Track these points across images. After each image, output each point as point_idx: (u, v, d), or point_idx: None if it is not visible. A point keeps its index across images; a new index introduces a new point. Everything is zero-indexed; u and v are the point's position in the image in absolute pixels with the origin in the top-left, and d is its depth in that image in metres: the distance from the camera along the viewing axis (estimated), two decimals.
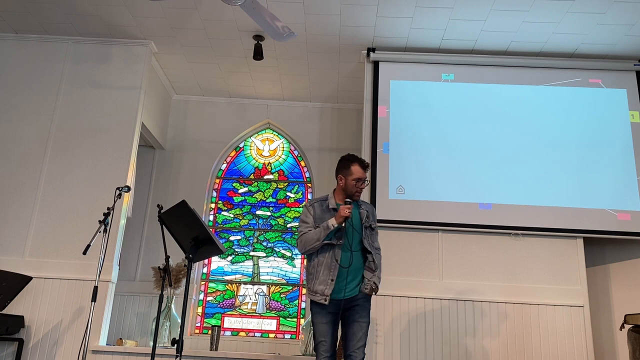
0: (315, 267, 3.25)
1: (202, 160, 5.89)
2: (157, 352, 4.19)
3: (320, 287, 3.19)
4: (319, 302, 3.18)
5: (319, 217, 3.29)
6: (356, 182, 3.27)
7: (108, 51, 5.04)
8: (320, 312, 3.21)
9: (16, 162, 4.72)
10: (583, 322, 4.39)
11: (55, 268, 4.45)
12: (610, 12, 4.35)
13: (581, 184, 4.68)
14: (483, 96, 4.96)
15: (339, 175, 3.34)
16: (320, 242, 3.20)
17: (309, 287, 3.25)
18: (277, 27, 3.83)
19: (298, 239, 3.31)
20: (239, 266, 5.67)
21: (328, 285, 3.18)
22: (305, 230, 3.27)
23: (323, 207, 3.33)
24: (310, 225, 3.28)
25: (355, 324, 3.19)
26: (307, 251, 3.27)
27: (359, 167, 3.30)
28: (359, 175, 3.28)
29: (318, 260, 3.25)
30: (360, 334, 3.17)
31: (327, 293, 3.17)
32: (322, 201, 3.38)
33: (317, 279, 3.22)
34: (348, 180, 3.29)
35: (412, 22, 4.61)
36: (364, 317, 3.22)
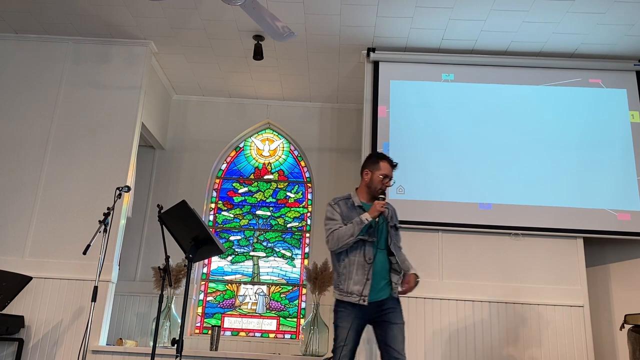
0: (347, 267, 3.15)
1: (202, 160, 5.89)
2: (157, 352, 4.19)
3: (356, 288, 3.08)
4: (356, 303, 3.06)
5: (346, 214, 3.21)
6: (383, 178, 3.23)
7: (108, 51, 5.04)
8: (347, 316, 3.10)
9: (16, 162, 4.72)
10: (583, 322, 4.39)
11: (55, 268, 4.45)
12: (610, 12, 4.35)
13: (581, 184, 4.68)
14: (483, 96, 4.96)
15: (366, 170, 3.30)
16: (355, 237, 3.11)
17: (341, 288, 3.14)
18: (277, 27, 3.83)
19: (329, 235, 3.19)
20: (239, 266, 5.68)
21: (365, 285, 3.07)
22: (335, 227, 3.17)
23: (348, 205, 3.27)
24: (339, 222, 3.19)
25: (395, 327, 3.10)
26: (340, 247, 3.15)
27: (388, 164, 3.27)
28: (386, 171, 3.25)
29: (349, 260, 3.15)
30: (401, 336, 3.09)
31: (365, 293, 3.06)
32: (345, 199, 3.31)
33: (351, 279, 3.11)
34: (375, 175, 3.25)
35: (412, 22, 4.61)
36: (401, 319, 3.15)
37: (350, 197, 3.31)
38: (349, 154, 5.86)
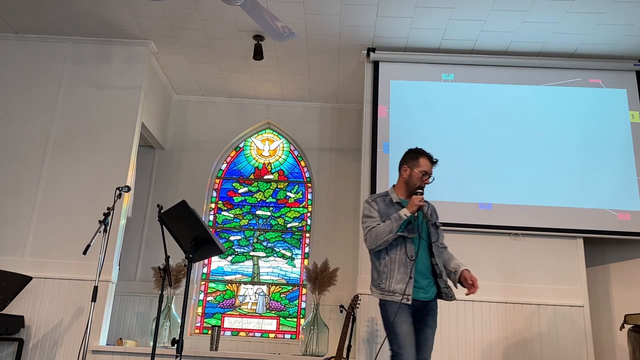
0: (389, 265, 3.06)
1: (202, 160, 5.89)
2: (157, 352, 4.19)
3: (399, 286, 2.99)
4: (400, 302, 2.96)
5: (384, 211, 3.13)
6: (422, 175, 3.14)
7: (108, 51, 5.04)
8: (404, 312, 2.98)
9: (16, 162, 4.72)
10: (583, 322, 4.39)
11: (55, 268, 4.45)
12: (610, 12, 4.35)
13: (581, 184, 4.68)
14: (483, 96, 4.96)
15: (404, 166, 3.21)
16: (394, 234, 3.02)
17: (382, 287, 3.05)
18: (277, 27, 3.83)
19: (367, 233, 3.11)
20: (239, 266, 5.67)
21: (407, 283, 2.98)
22: (373, 224, 3.09)
23: (386, 202, 3.19)
24: (377, 219, 3.11)
25: (429, 329, 3.04)
26: (378, 245, 3.07)
27: (427, 160, 3.17)
28: (426, 168, 3.15)
29: (390, 258, 3.06)
30: (432, 340, 3.04)
31: (408, 292, 2.97)
32: (383, 196, 3.23)
33: (393, 277, 3.02)
34: (414, 171, 3.16)
35: (412, 22, 4.61)
36: (435, 321, 3.09)
37: (388, 194, 3.23)
38: (349, 154, 5.86)
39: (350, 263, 5.47)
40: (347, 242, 5.57)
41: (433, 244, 3.12)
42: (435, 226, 3.20)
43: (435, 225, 3.20)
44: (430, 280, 3.08)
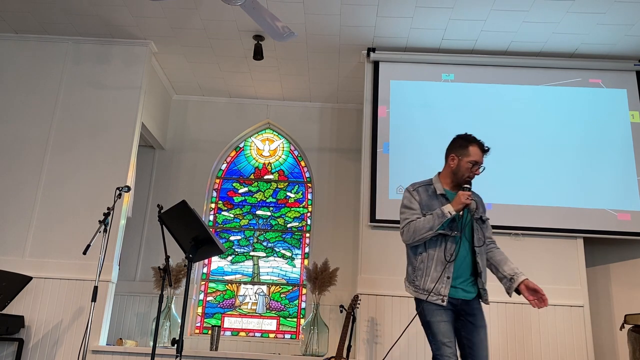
0: (425, 262, 2.84)
1: (202, 160, 5.89)
2: (157, 352, 4.19)
3: (434, 286, 2.79)
4: (434, 302, 2.78)
5: (426, 203, 2.89)
6: (472, 166, 2.86)
7: (108, 51, 5.04)
8: (441, 312, 2.79)
9: (16, 162, 4.72)
10: (583, 322, 4.39)
11: (55, 268, 4.45)
12: (610, 12, 4.35)
13: (581, 184, 4.68)
14: (483, 96, 4.96)
15: (452, 155, 2.94)
16: (434, 231, 2.79)
17: (417, 284, 2.85)
18: (277, 27, 3.83)
19: (404, 227, 2.88)
20: (239, 266, 5.67)
21: (444, 283, 2.77)
22: (412, 218, 2.86)
23: (429, 193, 2.93)
24: (417, 212, 2.88)
25: (481, 330, 2.81)
26: (416, 241, 2.85)
27: (478, 149, 2.87)
28: (476, 157, 2.86)
29: (428, 254, 2.84)
30: (486, 341, 2.81)
31: (444, 292, 2.77)
32: (426, 185, 2.98)
33: (428, 275, 2.81)
34: (462, 161, 2.87)
35: (412, 22, 4.60)
36: (484, 320, 2.86)
37: (432, 183, 2.98)
38: (349, 154, 5.86)
39: (350, 263, 5.47)
40: (347, 242, 5.57)
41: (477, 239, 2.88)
42: (481, 220, 2.93)
43: (481, 219, 2.93)
44: (471, 279, 2.86)
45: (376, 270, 4.55)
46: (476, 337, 2.80)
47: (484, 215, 2.95)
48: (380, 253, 4.57)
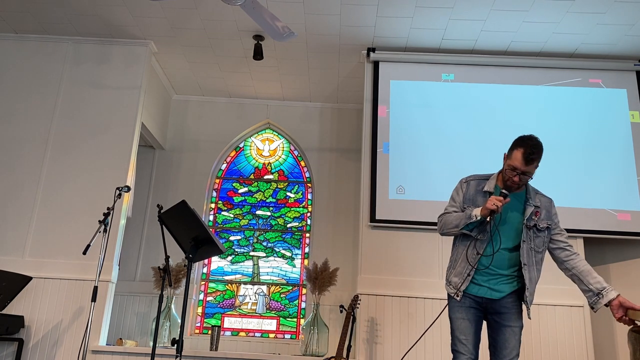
0: (455, 256, 2.87)
1: (202, 160, 5.89)
2: (157, 352, 4.19)
3: (455, 280, 2.80)
4: (451, 295, 2.81)
5: (471, 197, 2.83)
6: (511, 170, 2.71)
7: (108, 51, 5.04)
8: (457, 306, 2.79)
9: (16, 162, 4.72)
10: (583, 322, 4.39)
11: (55, 268, 4.45)
12: (610, 12, 4.35)
13: (581, 184, 4.68)
14: (483, 96, 4.96)
15: (505, 154, 2.81)
16: (459, 229, 2.78)
17: (447, 276, 2.89)
18: (277, 27, 3.83)
19: (439, 216, 2.91)
20: (239, 266, 5.68)
21: (464, 279, 2.76)
22: (449, 210, 2.87)
23: (479, 188, 2.85)
24: (457, 205, 2.86)
25: (507, 330, 2.74)
26: (444, 234, 2.88)
27: (521, 155, 2.67)
28: (515, 163, 2.68)
29: (458, 250, 2.85)
30: (514, 341, 2.73)
31: (461, 288, 2.77)
32: (480, 180, 2.89)
33: (454, 269, 2.83)
34: (506, 163, 2.75)
35: (412, 22, 4.60)
36: (516, 320, 2.76)
37: (489, 178, 2.88)
38: (349, 154, 5.86)
39: (350, 263, 5.47)
40: (347, 242, 5.57)
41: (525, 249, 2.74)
42: (536, 229, 2.76)
43: (536, 227, 2.76)
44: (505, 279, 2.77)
45: (376, 270, 4.55)
46: (500, 336, 2.75)
47: (542, 224, 2.77)
48: (380, 253, 4.57)
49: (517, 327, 2.75)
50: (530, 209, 2.77)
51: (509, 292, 2.77)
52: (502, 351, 2.73)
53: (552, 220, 2.82)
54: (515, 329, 2.74)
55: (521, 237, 2.75)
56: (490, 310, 2.79)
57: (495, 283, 2.77)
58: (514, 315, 2.76)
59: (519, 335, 2.75)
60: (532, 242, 2.76)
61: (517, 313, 2.78)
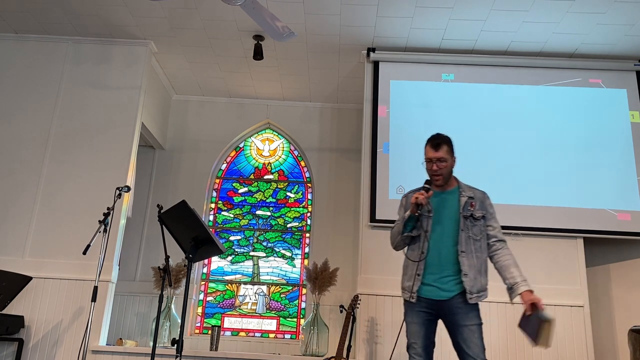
0: (406, 262, 2.94)
1: (202, 160, 5.89)
2: (157, 352, 4.19)
3: (407, 284, 2.88)
4: (407, 299, 2.88)
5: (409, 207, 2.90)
6: (428, 163, 2.91)
7: (108, 51, 5.04)
8: (409, 310, 2.88)
9: (16, 162, 4.72)
10: (583, 322, 4.39)
11: (55, 268, 4.45)
12: (610, 12, 4.35)
13: (581, 184, 4.68)
14: (483, 96, 4.96)
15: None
16: (402, 235, 2.89)
17: (401, 284, 2.97)
18: (277, 27, 3.83)
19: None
20: (239, 266, 5.68)
21: (414, 280, 2.83)
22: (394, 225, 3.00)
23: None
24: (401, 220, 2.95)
25: (464, 329, 2.77)
26: (396, 247, 2.99)
27: (428, 146, 2.91)
28: (427, 155, 2.90)
29: (407, 255, 2.94)
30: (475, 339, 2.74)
31: (414, 290, 2.83)
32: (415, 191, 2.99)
33: (406, 274, 2.92)
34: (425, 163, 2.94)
35: (412, 22, 4.61)
36: (472, 318, 2.79)
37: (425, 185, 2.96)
38: (349, 154, 5.86)
39: (350, 263, 5.47)
40: (347, 242, 5.57)
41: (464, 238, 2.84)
42: (473, 218, 2.87)
43: (472, 217, 2.87)
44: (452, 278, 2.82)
45: (376, 270, 4.55)
46: (459, 336, 2.77)
47: (478, 213, 2.90)
48: (380, 253, 4.57)
49: (474, 325, 2.77)
50: (464, 199, 2.90)
51: (458, 292, 2.81)
52: (467, 350, 2.74)
53: (487, 210, 2.94)
54: (472, 327, 2.76)
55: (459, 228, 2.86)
56: (443, 313, 2.84)
57: (443, 282, 2.83)
58: (468, 313, 2.79)
59: (478, 332, 2.76)
60: (469, 231, 2.85)
61: (473, 311, 2.80)
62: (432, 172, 2.91)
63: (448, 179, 2.96)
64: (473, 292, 2.79)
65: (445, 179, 2.93)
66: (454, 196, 2.94)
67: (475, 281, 2.81)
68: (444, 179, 2.92)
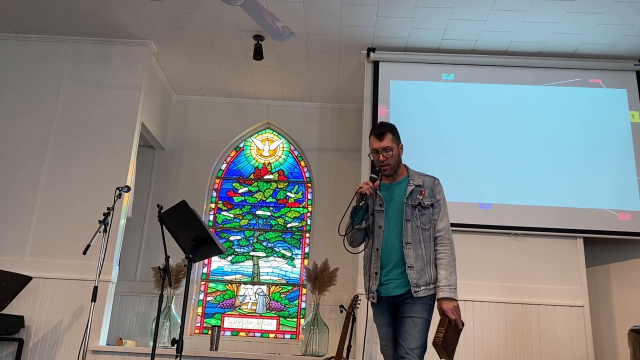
0: (364, 261, 2.85)
1: (202, 160, 5.89)
2: (157, 352, 4.19)
3: (366, 284, 2.79)
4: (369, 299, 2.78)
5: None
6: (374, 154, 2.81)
7: (108, 51, 5.04)
8: (375, 312, 2.80)
9: (16, 162, 4.72)
10: (583, 322, 4.39)
11: (55, 268, 4.45)
12: (610, 12, 4.35)
13: (581, 184, 4.68)
14: (483, 96, 4.96)
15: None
16: (352, 227, 2.78)
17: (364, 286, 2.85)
18: (277, 27, 3.83)
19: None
20: (239, 266, 5.67)
21: (371, 278, 2.74)
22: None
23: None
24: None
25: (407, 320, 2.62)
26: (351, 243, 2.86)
27: (373, 136, 2.82)
28: (372, 145, 2.81)
29: (363, 253, 2.85)
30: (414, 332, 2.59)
31: (372, 289, 2.73)
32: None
33: (365, 274, 2.82)
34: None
35: (412, 22, 4.61)
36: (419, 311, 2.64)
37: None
38: (349, 154, 5.86)
39: (350, 263, 5.47)
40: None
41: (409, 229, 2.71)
42: (421, 207, 2.75)
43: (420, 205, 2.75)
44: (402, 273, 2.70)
45: None
46: (402, 327, 2.63)
47: (425, 202, 2.76)
48: None
49: (418, 318, 2.62)
50: (412, 188, 2.78)
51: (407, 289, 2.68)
52: (402, 343, 2.59)
53: (435, 198, 2.80)
54: (416, 319, 2.61)
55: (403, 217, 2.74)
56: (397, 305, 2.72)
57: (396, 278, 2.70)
58: (416, 306, 2.64)
59: (420, 326, 2.61)
60: (418, 221, 2.73)
61: (422, 304, 2.65)
62: (379, 162, 2.80)
63: (397, 169, 2.86)
64: (420, 285, 2.65)
65: (393, 168, 2.83)
66: (402, 186, 2.83)
67: (421, 273, 2.67)
68: (391, 168, 2.82)
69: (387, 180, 2.88)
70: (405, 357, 2.55)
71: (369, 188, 2.71)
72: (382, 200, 2.81)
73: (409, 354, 2.55)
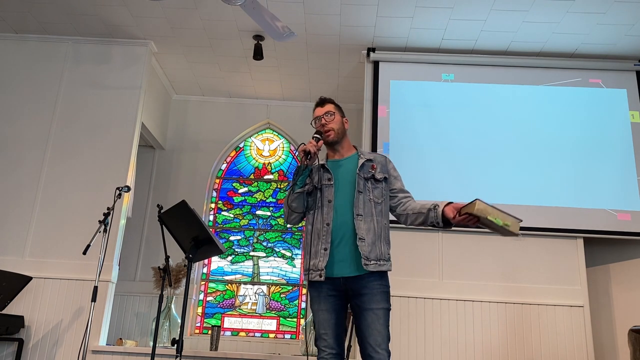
0: (307, 238, 2.64)
1: (202, 160, 5.89)
2: (157, 352, 4.19)
3: (313, 261, 2.57)
4: (314, 280, 2.54)
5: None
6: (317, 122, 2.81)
7: (108, 51, 5.04)
8: (315, 296, 2.58)
9: (16, 162, 4.72)
10: (583, 322, 4.39)
11: (55, 268, 4.45)
12: (610, 12, 4.35)
13: (581, 184, 4.68)
14: (483, 96, 4.96)
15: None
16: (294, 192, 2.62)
17: (304, 266, 2.62)
18: (277, 27, 3.83)
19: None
20: (239, 266, 5.68)
21: (321, 255, 2.54)
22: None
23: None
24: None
25: (369, 313, 2.47)
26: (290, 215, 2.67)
27: (316, 107, 2.87)
28: (315, 114, 2.83)
29: (307, 229, 2.65)
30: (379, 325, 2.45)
31: (321, 266, 2.52)
32: None
33: (309, 253, 2.60)
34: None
35: (412, 22, 4.61)
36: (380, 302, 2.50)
37: None
38: None
39: None
40: None
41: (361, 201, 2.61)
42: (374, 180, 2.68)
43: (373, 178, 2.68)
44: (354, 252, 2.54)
45: None
46: (363, 322, 2.48)
47: (378, 175, 2.69)
48: None
49: (379, 309, 2.48)
50: (362, 161, 2.72)
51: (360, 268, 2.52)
52: (367, 338, 2.44)
53: (390, 173, 2.75)
54: (377, 311, 2.47)
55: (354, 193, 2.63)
56: (351, 293, 2.54)
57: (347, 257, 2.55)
58: (376, 296, 2.50)
59: (383, 318, 2.48)
60: (370, 193, 2.64)
61: (381, 294, 2.51)
62: (323, 127, 2.76)
63: (341, 138, 2.83)
64: (370, 259, 2.51)
65: (337, 134, 2.79)
66: (352, 160, 2.77)
67: (372, 247, 2.54)
68: (335, 133, 2.78)
69: (335, 155, 2.82)
70: (374, 356, 2.42)
71: (313, 146, 2.62)
72: (331, 174, 2.71)
73: (378, 351, 2.42)
